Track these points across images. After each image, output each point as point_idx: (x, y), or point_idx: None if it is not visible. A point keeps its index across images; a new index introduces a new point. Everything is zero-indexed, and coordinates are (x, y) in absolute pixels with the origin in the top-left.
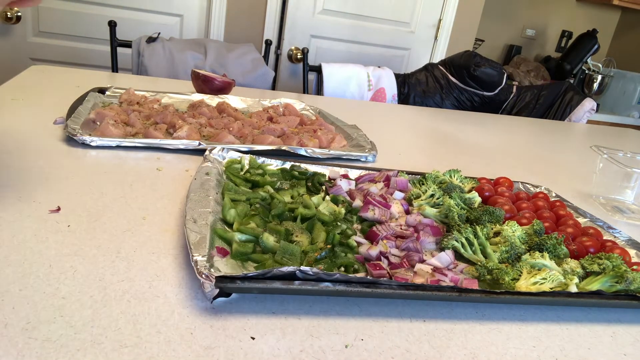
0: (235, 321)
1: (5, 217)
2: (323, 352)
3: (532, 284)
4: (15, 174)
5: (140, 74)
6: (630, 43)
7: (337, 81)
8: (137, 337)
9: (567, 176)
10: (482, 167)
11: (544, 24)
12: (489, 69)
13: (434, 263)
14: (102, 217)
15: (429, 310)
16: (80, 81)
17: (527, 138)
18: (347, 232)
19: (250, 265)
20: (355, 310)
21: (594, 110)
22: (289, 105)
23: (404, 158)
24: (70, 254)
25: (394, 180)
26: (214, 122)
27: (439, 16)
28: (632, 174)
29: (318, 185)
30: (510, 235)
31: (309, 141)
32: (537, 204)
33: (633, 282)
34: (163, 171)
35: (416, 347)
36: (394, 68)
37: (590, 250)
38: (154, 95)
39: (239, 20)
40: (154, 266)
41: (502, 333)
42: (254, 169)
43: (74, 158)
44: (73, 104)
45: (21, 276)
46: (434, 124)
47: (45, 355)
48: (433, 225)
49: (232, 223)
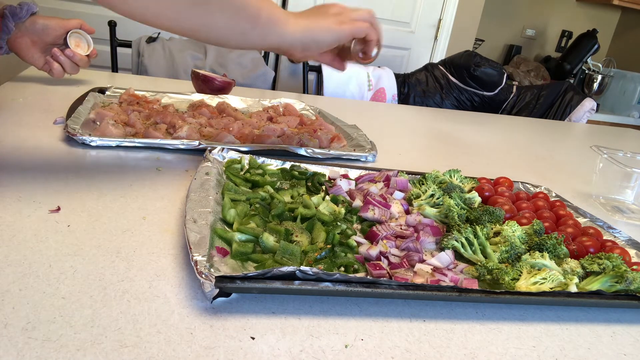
0: (235, 321)
1: (5, 217)
2: (323, 352)
3: (532, 284)
4: (15, 174)
5: (140, 74)
6: (630, 43)
7: (337, 81)
8: (137, 337)
9: (567, 176)
10: (482, 167)
11: (544, 24)
12: (489, 69)
13: (434, 263)
14: (102, 217)
15: (429, 310)
16: (80, 81)
17: (527, 138)
18: (347, 232)
19: (250, 265)
20: (355, 310)
21: (594, 110)
22: (289, 105)
23: (404, 158)
24: (70, 253)
25: (394, 180)
26: (214, 122)
27: (439, 16)
28: (632, 174)
29: (318, 185)
30: (510, 235)
31: (309, 141)
32: (537, 204)
33: (633, 282)
34: (163, 171)
35: (416, 347)
36: (394, 68)
37: (590, 250)
38: (154, 95)
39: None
40: (153, 266)
41: (502, 333)
42: (254, 169)
43: (74, 158)
44: (73, 104)
45: (21, 276)
46: (434, 124)
47: (45, 355)
48: (433, 225)
49: (232, 223)
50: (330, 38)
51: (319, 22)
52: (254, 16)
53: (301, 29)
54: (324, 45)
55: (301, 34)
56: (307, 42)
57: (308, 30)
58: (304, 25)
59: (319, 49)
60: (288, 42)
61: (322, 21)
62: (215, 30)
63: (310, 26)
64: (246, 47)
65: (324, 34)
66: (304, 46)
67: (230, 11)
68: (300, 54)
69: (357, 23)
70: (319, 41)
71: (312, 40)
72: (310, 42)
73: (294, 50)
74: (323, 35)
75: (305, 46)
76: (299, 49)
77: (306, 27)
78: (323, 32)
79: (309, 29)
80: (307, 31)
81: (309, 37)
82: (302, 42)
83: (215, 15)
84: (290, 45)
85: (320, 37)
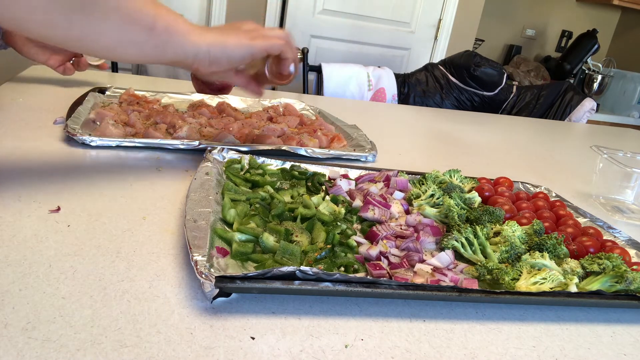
0: (235, 321)
1: (5, 217)
2: (323, 352)
3: (532, 284)
4: (15, 174)
5: (140, 74)
6: (630, 43)
7: (337, 81)
8: (137, 337)
9: (567, 176)
10: (482, 167)
11: (544, 24)
12: (489, 69)
13: (434, 263)
14: (102, 217)
15: (429, 310)
16: (80, 81)
17: (527, 138)
18: (347, 232)
19: (250, 265)
20: (355, 310)
21: (594, 110)
22: (289, 105)
23: (404, 158)
24: (70, 253)
25: (394, 180)
26: (214, 122)
27: (439, 16)
28: (632, 174)
29: (318, 185)
30: (510, 235)
31: (309, 141)
32: (537, 204)
33: (633, 282)
34: (163, 171)
35: (416, 347)
36: (394, 68)
37: (590, 250)
38: (154, 95)
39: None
40: (154, 266)
41: (502, 333)
42: (254, 169)
43: (74, 158)
44: (73, 104)
45: (21, 276)
46: (434, 124)
47: (45, 355)
48: (433, 225)
49: (232, 223)
50: (242, 51)
51: (230, 36)
52: (148, 26)
53: (208, 41)
54: (235, 58)
55: (207, 46)
56: (216, 54)
57: (217, 42)
58: (212, 38)
59: (229, 63)
60: (192, 53)
61: (234, 35)
62: (103, 41)
63: (219, 39)
64: (146, 60)
65: (235, 47)
66: (212, 59)
67: (118, 20)
68: (207, 69)
69: (272, 39)
70: (230, 54)
71: (221, 52)
72: (220, 55)
73: (200, 63)
74: (234, 48)
75: (214, 59)
76: (206, 62)
77: (215, 39)
78: (234, 45)
79: (218, 41)
80: (216, 43)
81: (218, 49)
82: (209, 54)
83: (101, 25)
84: (195, 57)
85: (230, 49)
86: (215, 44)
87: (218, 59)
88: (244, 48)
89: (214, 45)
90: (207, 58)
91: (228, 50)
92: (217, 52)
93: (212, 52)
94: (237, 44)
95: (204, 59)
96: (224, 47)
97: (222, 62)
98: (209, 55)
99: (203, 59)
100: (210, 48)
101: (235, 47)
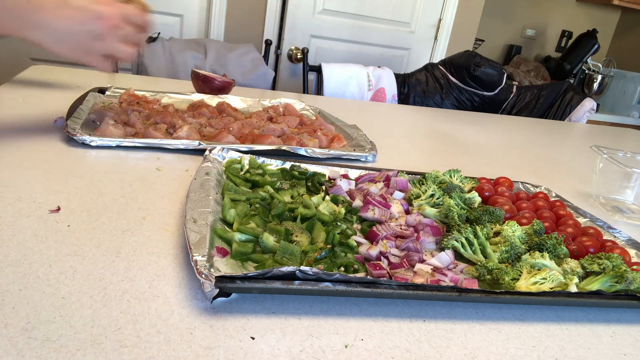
0: (235, 321)
1: (5, 217)
2: (323, 352)
3: (532, 284)
4: (15, 174)
5: (140, 74)
6: (630, 43)
7: (337, 81)
8: (137, 337)
9: (567, 176)
10: (482, 167)
11: (544, 24)
12: (489, 68)
13: (434, 263)
14: (102, 217)
15: (429, 310)
16: (80, 81)
17: (527, 138)
18: (347, 232)
19: (250, 265)
20: (355, 310)
21: (594, 110)
22: (289, 105)
23: (404, 158)
24: (70, 253)
25: (394, 180)
26: (214, 122)
27: (439, 16)
28: (632, 174)
29: (318, 185)
30: (510, 235)
31: (309, 141)
32: (537, 204)
33: (633, 282)
34: (163, 171)
35: (416, 347)
36: (394, 68)
37: (590, 250)
38: (154, 95)
39: (239, 20)
40: (153, 266)
41: (502, 333)
42: (254, 169)
43: (74, 158)
44: (73, 104)
45: (21, 276)
46: (434, 124)
47: (45, 355)
48: (433, 225)
49: (232, 223)
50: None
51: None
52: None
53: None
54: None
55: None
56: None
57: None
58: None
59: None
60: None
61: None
62: None
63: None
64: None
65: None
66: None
67: None
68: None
69: (96, 59)
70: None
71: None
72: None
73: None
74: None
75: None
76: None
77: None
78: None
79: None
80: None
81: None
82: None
83: None
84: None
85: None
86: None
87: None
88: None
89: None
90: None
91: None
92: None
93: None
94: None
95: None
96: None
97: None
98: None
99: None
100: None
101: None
